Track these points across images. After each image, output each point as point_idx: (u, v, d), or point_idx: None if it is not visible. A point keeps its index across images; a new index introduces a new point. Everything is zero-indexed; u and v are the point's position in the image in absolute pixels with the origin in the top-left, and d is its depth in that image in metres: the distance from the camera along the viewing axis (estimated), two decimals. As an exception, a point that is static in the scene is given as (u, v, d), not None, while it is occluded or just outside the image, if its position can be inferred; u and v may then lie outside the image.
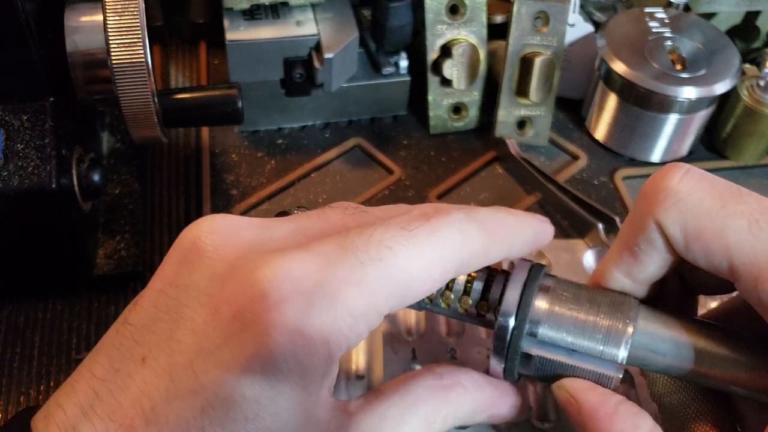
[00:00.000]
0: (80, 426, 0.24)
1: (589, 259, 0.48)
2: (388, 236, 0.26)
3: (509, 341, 0.30)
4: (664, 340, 0.30)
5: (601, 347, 0.29)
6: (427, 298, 0.31)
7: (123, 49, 0.39)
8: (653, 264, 0.30)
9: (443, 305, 0.32)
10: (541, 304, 0.30)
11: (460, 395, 0.30)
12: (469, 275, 0.32)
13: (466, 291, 0.31)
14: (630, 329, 0.29)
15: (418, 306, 0.32)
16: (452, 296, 0.31)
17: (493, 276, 0.32)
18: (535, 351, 0.30)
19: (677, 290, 0.33)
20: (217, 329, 0.24)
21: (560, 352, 0.30)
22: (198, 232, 0.27)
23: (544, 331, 0.30)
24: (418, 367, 0.40)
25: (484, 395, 0.31)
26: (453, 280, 0.31)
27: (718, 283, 0.30)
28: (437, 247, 0.27)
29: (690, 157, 0.59)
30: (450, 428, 0.30)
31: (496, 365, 0.31)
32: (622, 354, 0.29)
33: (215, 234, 0.27)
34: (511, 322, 0.30)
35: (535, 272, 0.31)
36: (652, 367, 0.31)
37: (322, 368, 0.25)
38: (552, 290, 0.30)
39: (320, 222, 0.29)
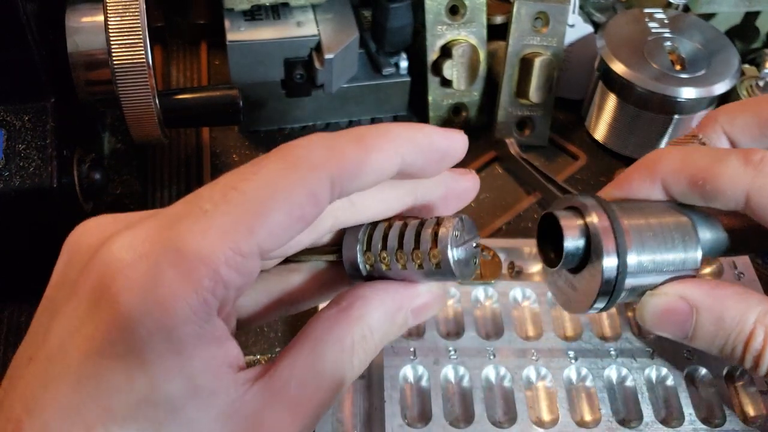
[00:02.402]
0: None
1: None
2: (232, 178, 0.25)
3: (615, 285, 0.32)
4: (710, 229, 0.33)
5: (683, 255, 0.32)
6: (369, 264, 0.29)
7: (124, 49, 0.40)
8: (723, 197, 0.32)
9: (400, 266, 0.29)
10: (630, 240, 0.32)
11: (362, 308, 0.28)
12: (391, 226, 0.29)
13: (417, 244, 0.28)
14: (695, 230, 0.32)
15: (365, 274, 0.29)
16: (404, 255, 0.28)
17: (424, 222, 0.29)
18: (632, 284, 0.32)
19: None
20: (78, 310, 0.25)
21: (652, 275, 0.32)
22: (76, 236, 0.28)
23: (640, 263, 0.32)
24: (419, 366, 0.40)
25: (390, 295, 0.29)
26: (387, 236, 0.29)
27: None
28: (293, 171, 0.25)
29: (690, 158, 0.59)
30: (380, 343, 0.28)
31: (599, 306, 0.33)
32: (699, 254, 0.32)
33: (86, 234, 0.27)
34: (615, 267, 0.31)
35: (611, 214, 0.32)
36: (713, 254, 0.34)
37: (191, 328, 0.24)
38: (629, 224, 0.32)
39: None
